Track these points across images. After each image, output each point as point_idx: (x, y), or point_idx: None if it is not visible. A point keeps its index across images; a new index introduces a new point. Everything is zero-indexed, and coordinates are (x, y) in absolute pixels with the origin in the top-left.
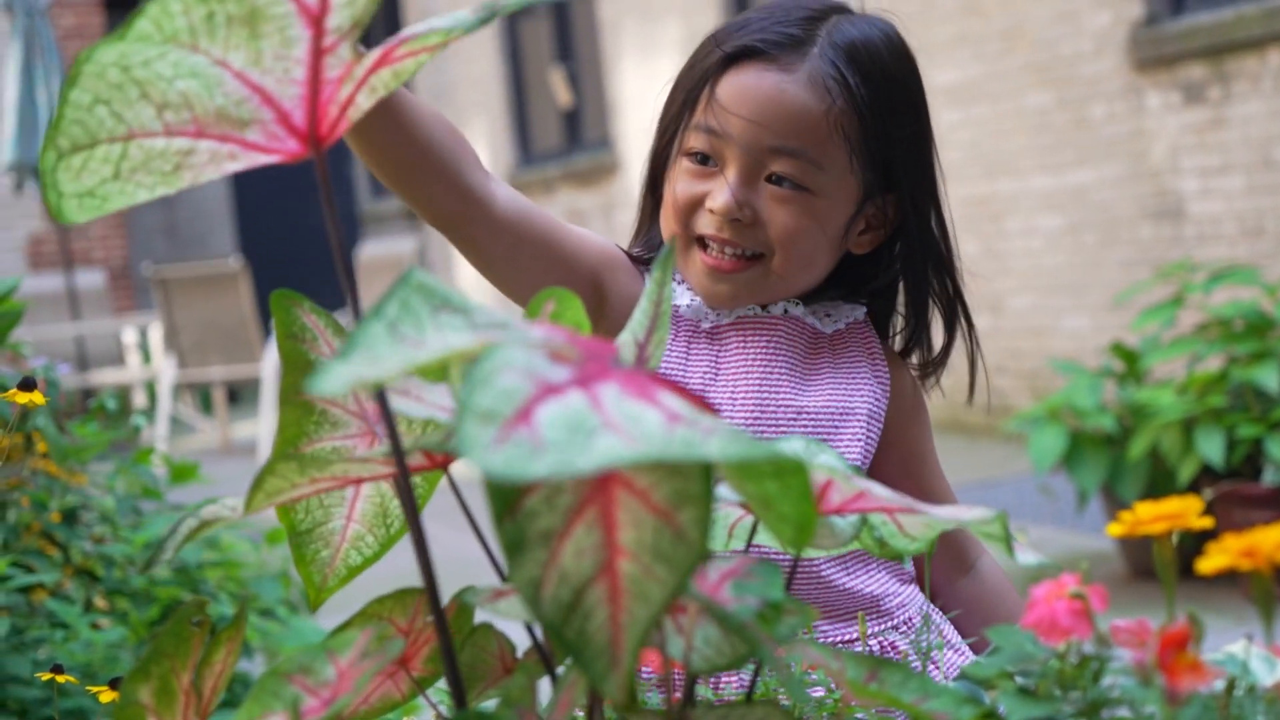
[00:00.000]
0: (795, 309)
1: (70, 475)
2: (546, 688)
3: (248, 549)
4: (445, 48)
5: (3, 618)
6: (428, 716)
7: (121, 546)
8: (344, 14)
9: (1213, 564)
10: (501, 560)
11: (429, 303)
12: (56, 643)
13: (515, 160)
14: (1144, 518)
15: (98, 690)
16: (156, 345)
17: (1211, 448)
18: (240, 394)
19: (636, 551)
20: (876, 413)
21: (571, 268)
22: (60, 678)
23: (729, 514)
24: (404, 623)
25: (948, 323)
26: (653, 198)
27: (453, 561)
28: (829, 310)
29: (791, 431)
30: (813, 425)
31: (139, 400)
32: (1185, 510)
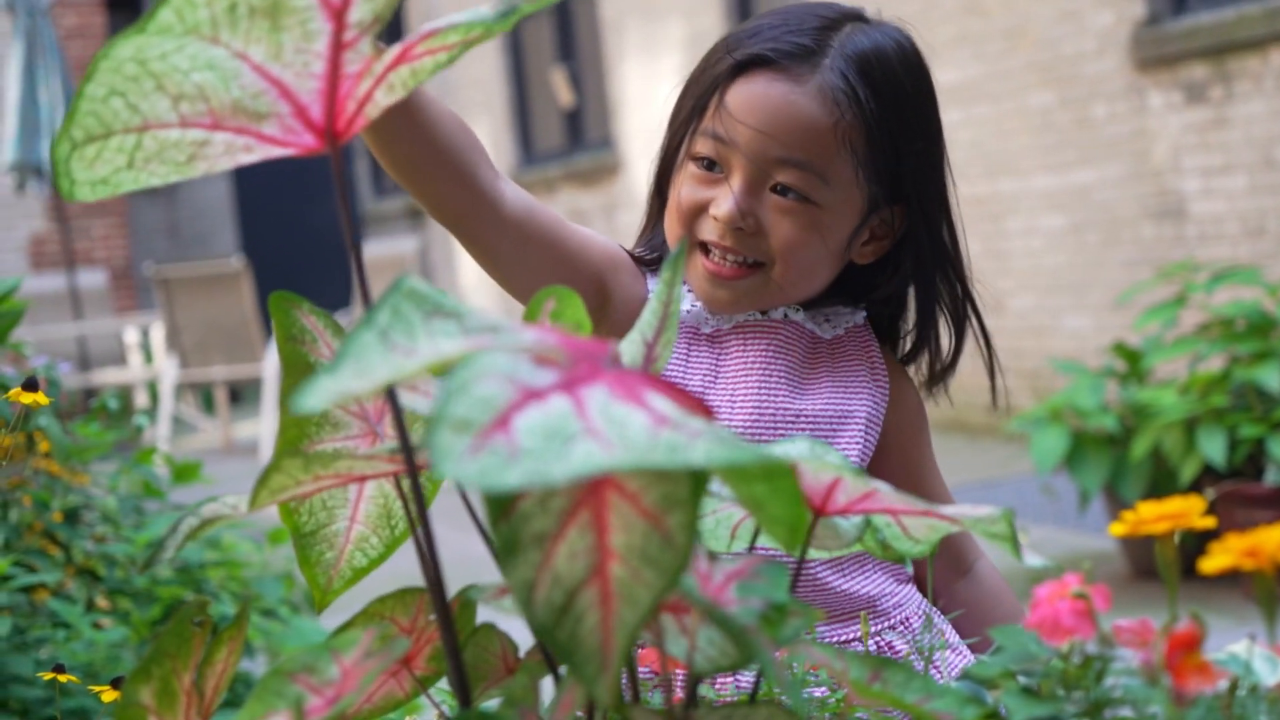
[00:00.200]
0: (795, 315)
1: (72, 475)
2: (549, 687)
3: (250, 549)
4: (466, 50)
5: (5, 617)
6: (430, 716)
7: (123, 546)
8: (365, 8)
9: (1216, 564)
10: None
11: (421, 309)
12: (58, 642)
13: (517, 160)
14: (1146, 517)
15: (100, 690)
16: (158, 345)
17: (1213, 448)
18: (242, 394)
19: (626, 555)
20: (875, 417)
21: (576, 267)
22: (63, 677)
23: (731, 515)
24: (406, 622)
25: (958, 331)
26: (659, 199)
27: (455, 562)
28: (828, 316)
29: (789, 435)
30: (811, 429)
31: (141, 400)
32: (1188, 510)
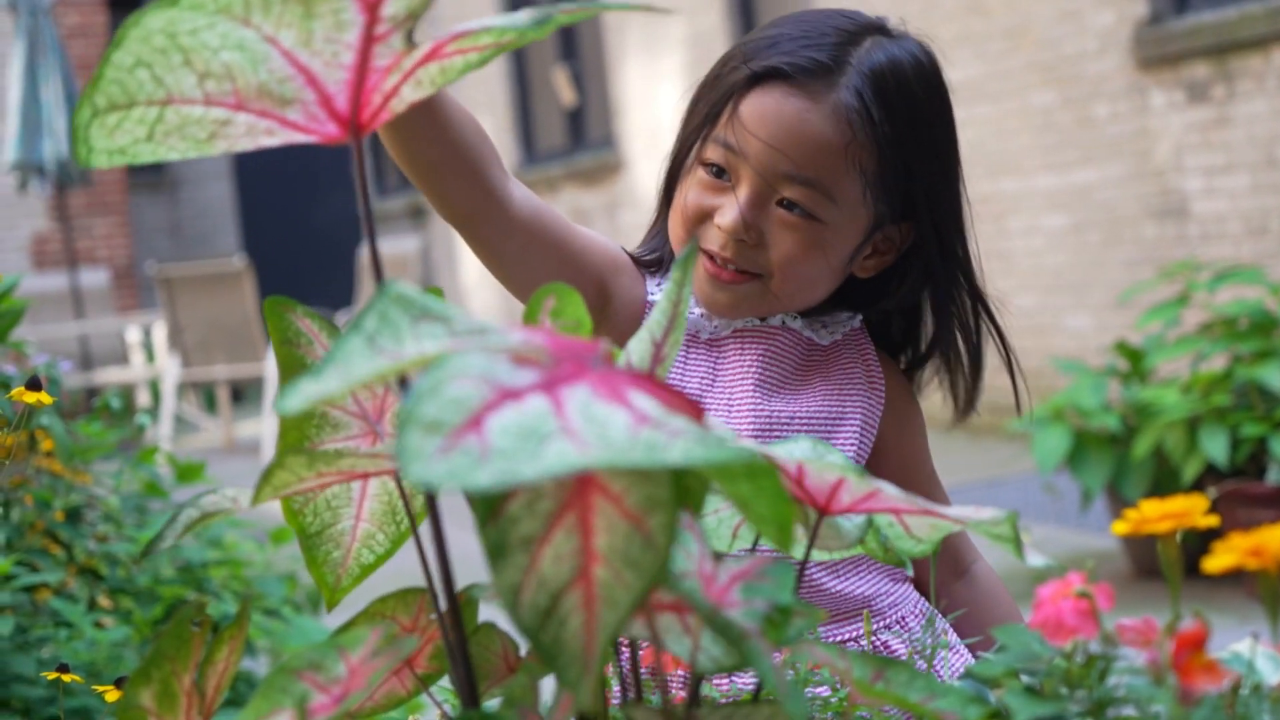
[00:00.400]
0: (793, 323)
1: (74, 474)
2: (550, 686)
3: (252, 548)
4: (497, 53)
5: (7, 617)
6: (432, 714)
7: (125, 545)
8: (399, 3)
9: (1220, 563)
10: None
11: (408, 313)
12: (60, 641)
13: (519, 159)
14: (1149, 516)
15: (104, 690)
16: (160, 344)
17: (1216, 447)
18: (244, 393)
19: (609, 557)
20: (870, 421)
21: (579, 268)
22: (67, 677)
23: (733, 515)
24: (408, 621)
25: (977, 346)
26: (667, 199)
27: (456, 559)
28: (825, 322)
29: (785, 438)
30: (806, 431)
31: (143, 399)
32: (1191, 509)
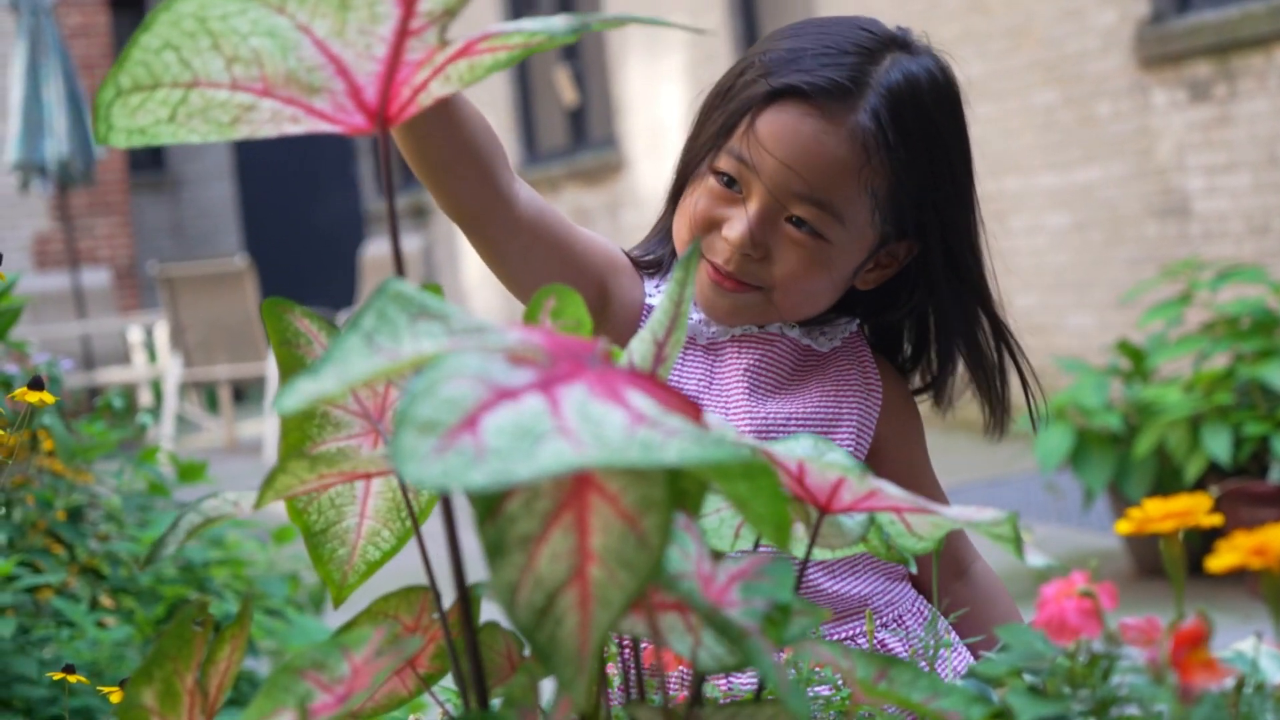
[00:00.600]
0: (791, 331)
1: (76, 474)
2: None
3: (255, 548)
4: (527, 54)
5: (9, 618)
6: (434, 713)
7: (127, 545)
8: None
9: (1223, 562)
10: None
11: (406, 311)
12: (62, 641)
13: (520, 159)
14: (1153, 515)
15: (108, 691)
16: (162, 344)
17: (1218, 445)
18: (246, 392)
19: (604, 556)
20: (866, 423)
21: (581, 269)
22: (72, 678)
23: (734, 514)
24: (410, 620)
25: (993, 367)
26: (674, 203)
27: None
28: (825, 330)
29: (781, 438)
30: (801, 432)
31: (145, 399)
32: (1194, 508)
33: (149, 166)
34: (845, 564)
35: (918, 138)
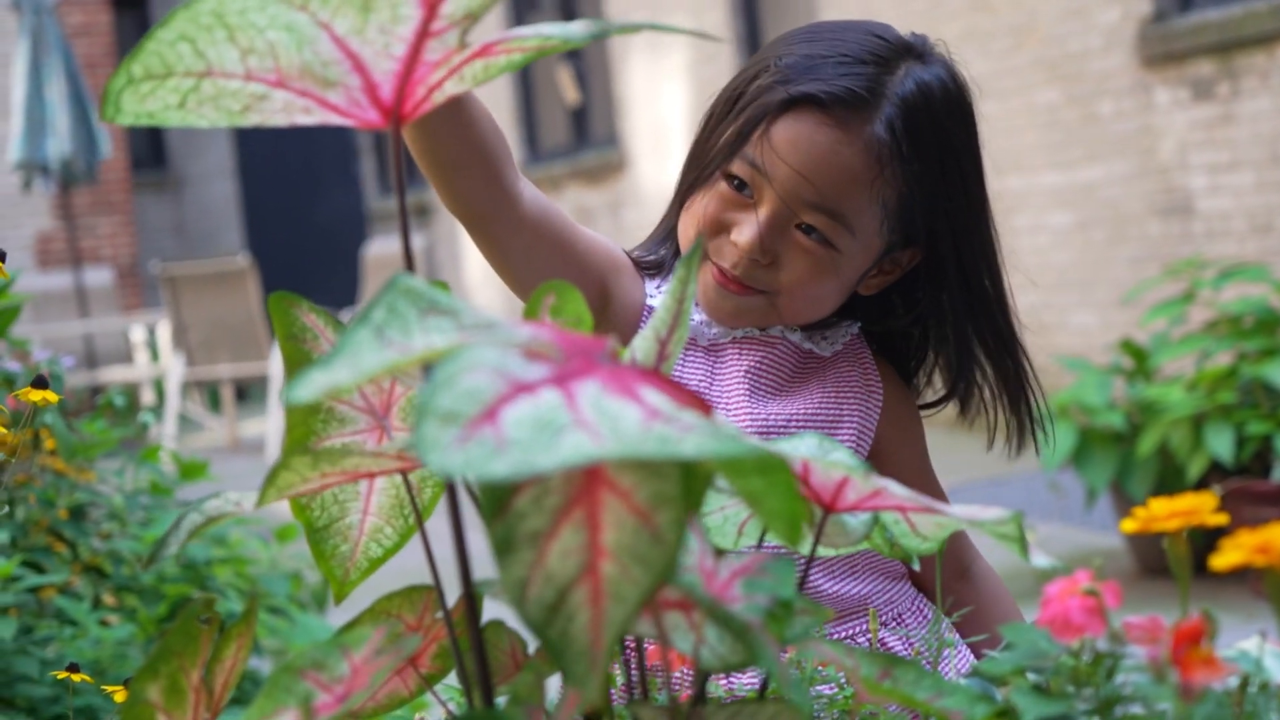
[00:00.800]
0: (792, 335)
1: (78, 472)
2: (556, 684)
3: (257, 546)
4: (541, 55)
5: (11, 618)
6: (437, 713)
7: (130, 543)
8: (460, 3)
9: (1228, 560)
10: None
11: (416, 306)
12: (65, 640)
13: (523, 158)
14: (1158, 514)
15: (112, 690)
16: (165, 343)
17: (1221, 444)
18: (248, 392)
19: (617, 553)
20: (867, 425)
21: (583, 268)
22: (76, 677)
23: (738, 512)
24: (413, 619)
25: (1010, 383)
26: (680, 202)
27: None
28: (825, 333)
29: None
30: (801, 432)
31: (147, 398)
32: (1199, 506)
33: (151, 165)
34: (843, 564)
35: (931, 148)
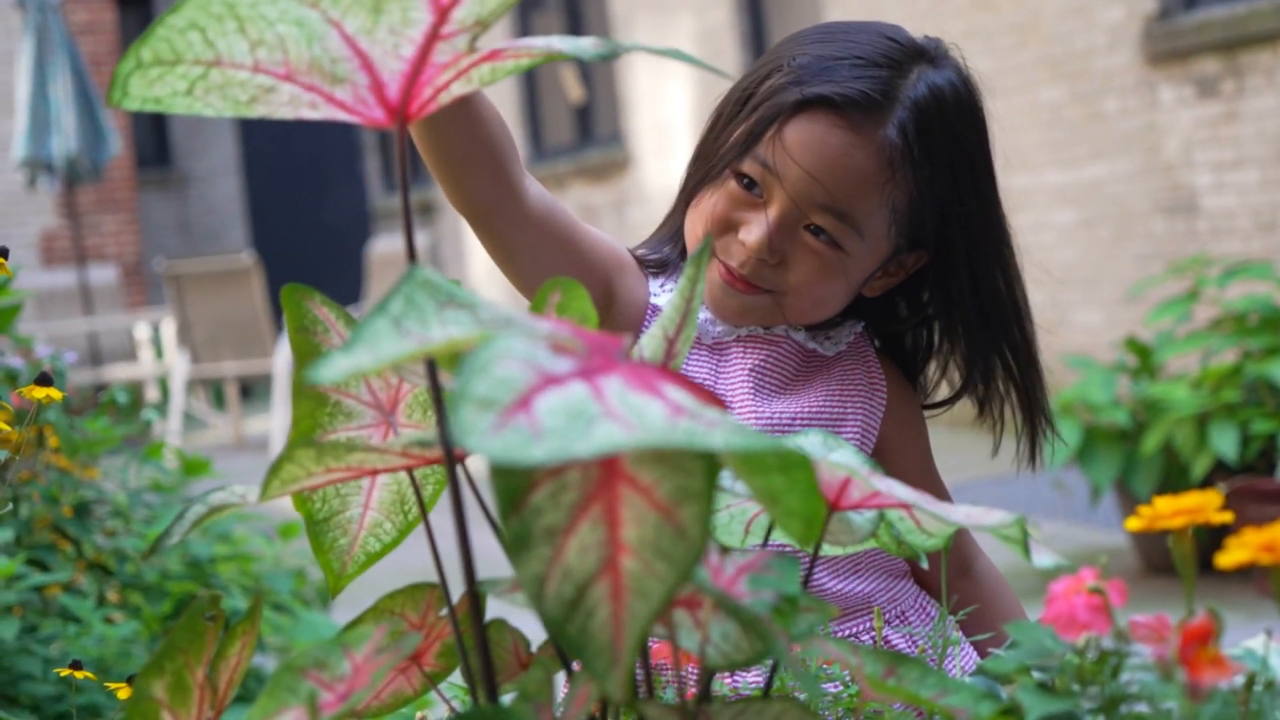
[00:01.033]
0: (797, 334)
1: (82, 470)
2: (559, 683)
3: (262, 543)
4: (547, 60)
5: (14, 617)
6: (441, 711)
7: (134, 541)
8: (472, 9)
9: (1233, 559)
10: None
11: (434, 298)
12: (70, 638)
13: (527, 155)
14: (1163, 512)
15: (115, 686)
16: (169, 341)
17: (1225, 443)
18: (253, 389)
19: (638, 548)
20: (871, 422)
21: (588, 266)
22: (79, 674)
23: (745, 510)
24: (416, 618)
25: (1022, 392)
26: (686, 200)
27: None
28: (829, 334)
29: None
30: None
31: (152, 396)
32: (1205, 504)
33: (156, 163)
34: (847, 562)
35: (942, 152)
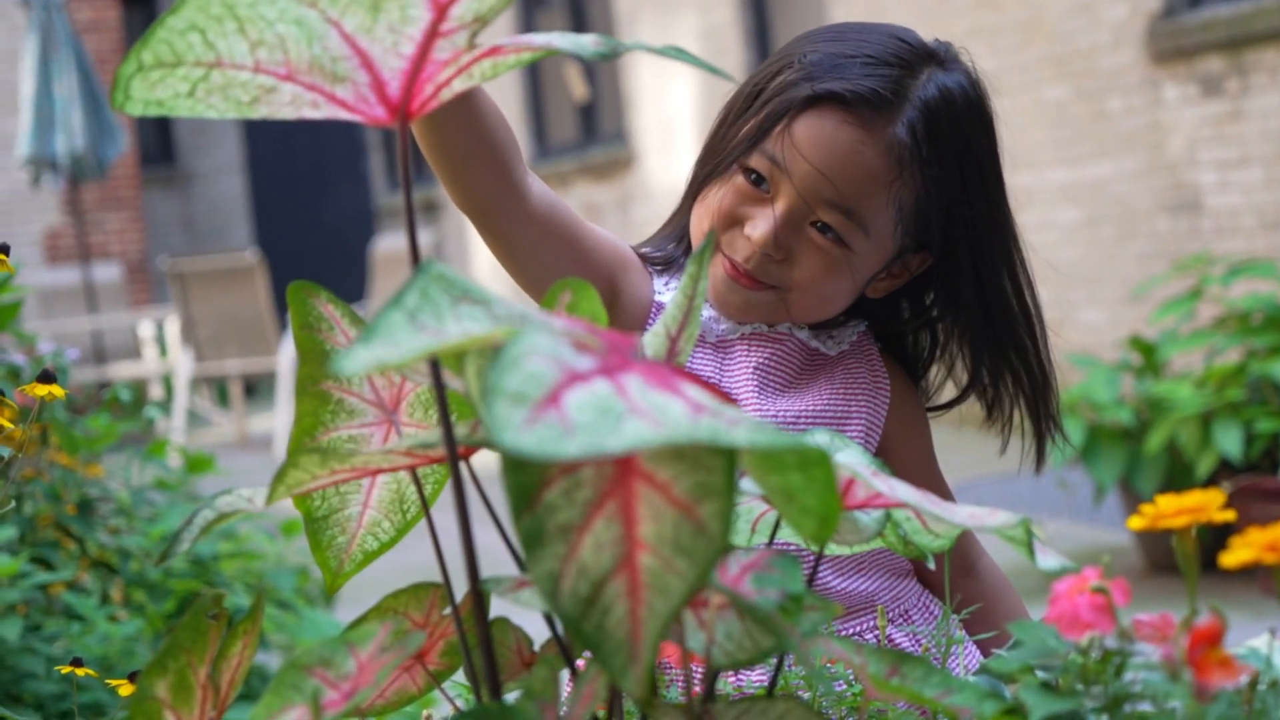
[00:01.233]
0: (800, 332)
1: (86, 467)
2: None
3: (264, 541)
4: (548, 55)
5: (16, 617)
6: (445, 709)
7: (137, 539)
8: (470, 6)
9: (1237, 558)
10: (522, 552)
11: (449, 293)
12: (74, 636)
13: (531, 154)
14: (1165, 511)
15: (116, 684)
16: (173, 339)
17: (1229, 441)
18: (257, 387)
19: (656, 545)
20: (875, 421)
21: (591, 265)
22: (80, 671)
23: (752, 508)
24: (420, 617)
25: (1029, 395)
26: (693, 195)
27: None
28: (832, 333)
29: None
30: (813, 428)
31: (156, 394)
32: (1207, 503)
33: (160, 161)
34: (851, 560)
35: (950, 153)
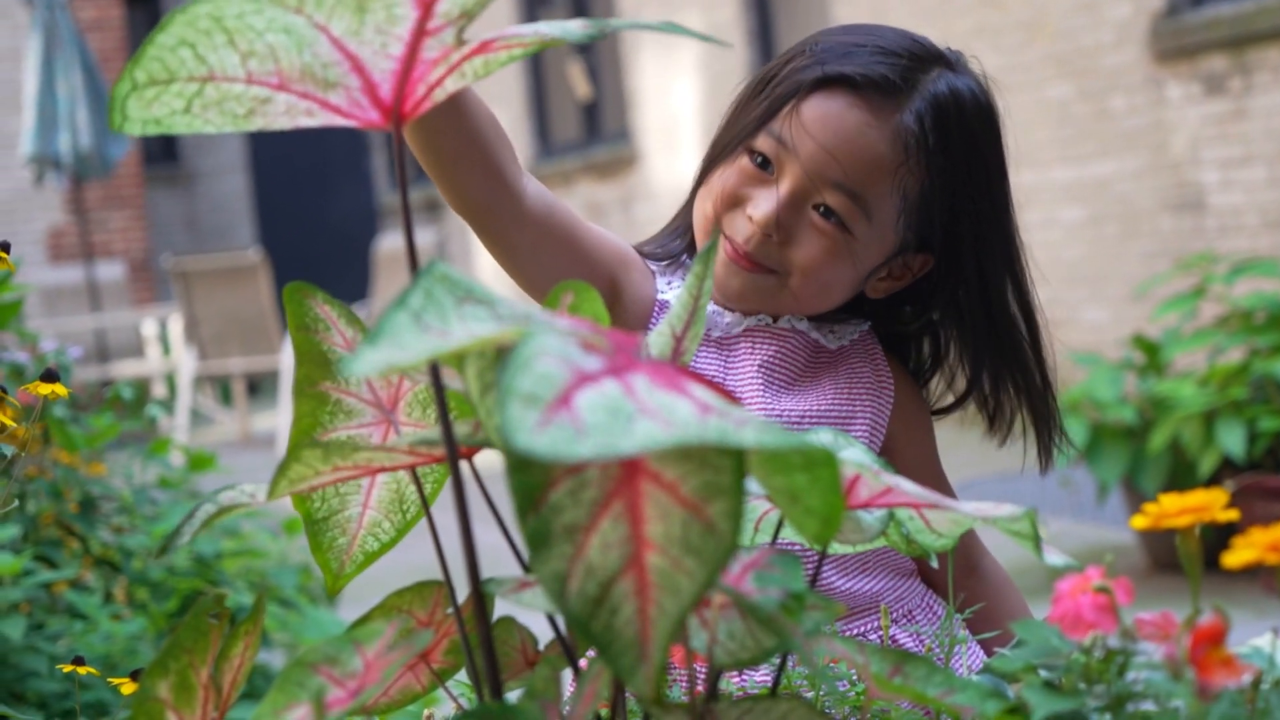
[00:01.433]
0: (801, 324)
1: (88, 466)
2: (566, 681)
3: (267, 539)
4: (541, 49)
5: (19, 616)
6: (448, 708)
7: (140, 537)
8: (456, 2)
9: (1240, 558)
10: (525, 552)
11: (453, 294)
12: (76, 635)
13: (534, 152)
14: (1169, 510)
15: (118, 682)
16: (176, 337)
17: (1232, 440)
18: (260, 386)
19: (665, 545)
20: (879, 421)
21: (591, 264)
22: (81, 670)
23: (755, 508)
24: (424, 615)
25: (1030, 398)
26: (699, 185)
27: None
28: (834, 327)
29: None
30: (818, 427)
31: (159, 392)
32: (1210, 503)
33: (163, 160)
34: (855, 560)
35: (957, 149)
